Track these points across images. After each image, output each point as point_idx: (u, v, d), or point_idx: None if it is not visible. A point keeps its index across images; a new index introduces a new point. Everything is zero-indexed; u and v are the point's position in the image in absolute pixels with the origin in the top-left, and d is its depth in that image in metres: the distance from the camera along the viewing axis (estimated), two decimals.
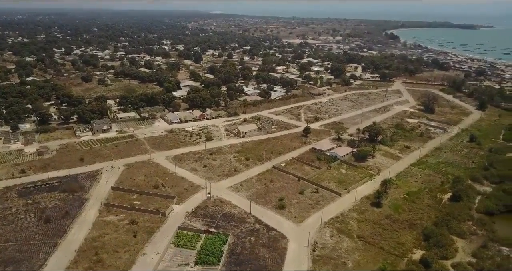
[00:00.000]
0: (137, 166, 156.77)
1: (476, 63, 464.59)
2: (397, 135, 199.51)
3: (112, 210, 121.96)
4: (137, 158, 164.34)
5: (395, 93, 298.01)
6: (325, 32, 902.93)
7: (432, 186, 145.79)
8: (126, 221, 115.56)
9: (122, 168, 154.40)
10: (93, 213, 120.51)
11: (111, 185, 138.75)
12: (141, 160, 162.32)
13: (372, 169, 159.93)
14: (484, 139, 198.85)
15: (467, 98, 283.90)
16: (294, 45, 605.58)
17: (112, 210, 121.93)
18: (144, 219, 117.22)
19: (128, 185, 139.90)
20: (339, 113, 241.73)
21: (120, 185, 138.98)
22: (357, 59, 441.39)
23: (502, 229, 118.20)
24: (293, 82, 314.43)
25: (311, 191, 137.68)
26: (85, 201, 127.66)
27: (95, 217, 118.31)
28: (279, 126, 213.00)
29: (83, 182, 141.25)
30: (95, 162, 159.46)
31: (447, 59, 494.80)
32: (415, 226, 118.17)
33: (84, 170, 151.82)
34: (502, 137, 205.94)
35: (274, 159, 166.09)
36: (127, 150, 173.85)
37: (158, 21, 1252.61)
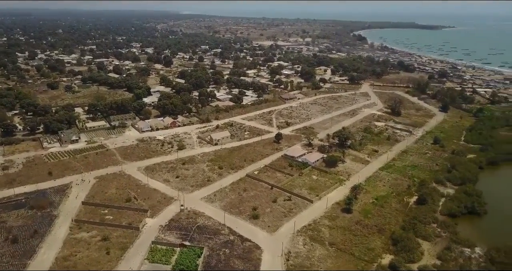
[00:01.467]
0: (109, 178, 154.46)
1: (439, 64, 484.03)
2: (365, 139, 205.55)
3: (84, 227, 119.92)
4: (108, 170, 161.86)
5: (363, 96, 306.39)
6: (295, 34, 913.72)
7: (399, 190, 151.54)
8: (98, 238, 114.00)
9: (92, 181, 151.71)
10: (64, 230, 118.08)
11: (81, 199, 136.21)
12: (112, 172, 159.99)
13: (342, 174, 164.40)
14: (447, 141, 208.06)
15: (431, 100, 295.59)
16: (265, 48, 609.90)
17: (83, 227, 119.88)
18: (117, 235, 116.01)
19: (99, 199, 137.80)
20: (310, 117, 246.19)
21: (91, 200, 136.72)
22: (326, 61, 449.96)
23: (464, 231, 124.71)
24: (265, 87, 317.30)
25: (284, 199, 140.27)
26: (54, 218, 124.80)
27: (65, 234, 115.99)
28: (252, 133, 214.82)
29: (52, 197, 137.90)
30: (64, 175, 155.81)
31: (412, 60, 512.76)
32: (383, 230, 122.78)
33: (53, 184, 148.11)
34: (463, 138, 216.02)
35: (247, 167, 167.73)
36: (98, 161, 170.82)
37: (126, 22, 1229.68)
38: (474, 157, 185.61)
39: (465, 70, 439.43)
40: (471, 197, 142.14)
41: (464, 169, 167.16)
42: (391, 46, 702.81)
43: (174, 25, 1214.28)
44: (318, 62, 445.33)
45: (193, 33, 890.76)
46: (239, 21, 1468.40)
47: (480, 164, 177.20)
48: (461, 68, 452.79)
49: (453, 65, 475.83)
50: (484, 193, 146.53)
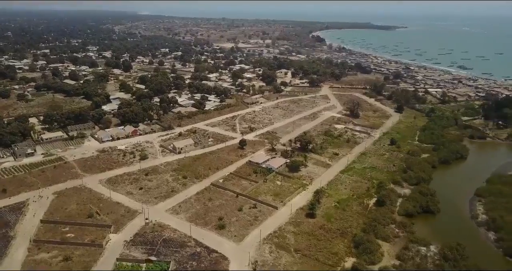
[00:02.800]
0: (68, 193, 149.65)
1: (393, 65, 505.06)
2: (326, 143, 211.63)
3: (43, 247, 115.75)
4: (68, 184, 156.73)
5: (323, 99, 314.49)
6: (255, 35, 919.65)
7: (360, 192, 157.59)
8: (60, 258, 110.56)
9: (51, 197, 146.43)
10: (22, 252, 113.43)
11: (40, 217, 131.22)
12: (72, 186, 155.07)
13: (305, 178, 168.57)
14: (403, 142, 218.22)
15: (387, 101, 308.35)
16: (226, 50, 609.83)
17: (43, 247, 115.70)
18: (79, 253, 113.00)
19: (59, 216, 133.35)
20: (272, 122, 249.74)
21: (51, 217, 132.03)
22: (286, 64, 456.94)
23: (420, 230, 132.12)
24: (227, 91, 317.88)
25: (250, 206, 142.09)
26: (11, 239, 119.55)
27: (24, 256, 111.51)
28: (216, 139, 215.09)
29: (7, 216, 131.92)
30: (20, 192, 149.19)
31: (368, 61, 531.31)
32: (346, 234, 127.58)
33: (8, 202, 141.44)
34: (417, 138, 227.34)
35: (212, 176, 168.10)
36: (56, 175, 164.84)
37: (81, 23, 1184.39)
38: (428, 156, 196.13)
39: (417, 71, 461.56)
40: (425, 196, 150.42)
41: (419, 169, 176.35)
42: (349, 47, 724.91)
43: (132, 26, 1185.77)
44: (279, 65, 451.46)
45: (152, 35, 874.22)
46: (199, 22, 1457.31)
47: (433, 163, 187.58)
48: (413, 69, 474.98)
49: (407, 66, 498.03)
50: (437, 191, 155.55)
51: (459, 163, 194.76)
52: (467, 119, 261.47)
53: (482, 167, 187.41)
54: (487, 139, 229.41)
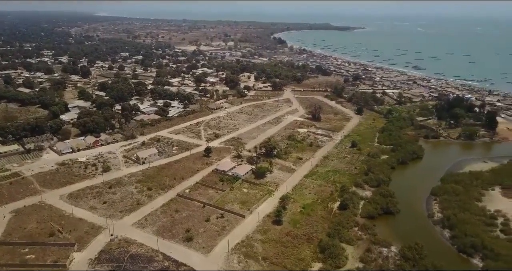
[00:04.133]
0: (27, 211, 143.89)
1: (353, 67, 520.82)
2: (290, 147, 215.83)
3: None
4: (26, 202, 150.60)
5: (286, 103, 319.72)
6: (217, 37, 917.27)
7: (324, 197, 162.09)
8: None
9: (8, 216, 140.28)
10: None
11: None
12: (30, 204, 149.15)
13: (270, 185, 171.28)
14: (363, 144, 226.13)
15: (347, 103, 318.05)
16: (188, 53, 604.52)
17: None
18: None
19: (17, 236, 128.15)
20: (237, 127, 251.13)
21: (8, 238, 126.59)
22: (249, 67, 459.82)
23: (382, 231, 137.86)
24: (190, 96, 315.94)
25: (217, 216, 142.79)
26: None
27: None
28: (180, 147, 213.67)
29: None
30: None
31: (328, 63, 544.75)
32: (312, 239, 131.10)
33: None
34: (377, 140, 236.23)
35: (178, 186, 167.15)
36: (13, 192, 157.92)
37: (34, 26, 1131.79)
38: (387, 158, 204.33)
39: (375, 72, 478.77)
40: (385, 198, 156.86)
41: (379, 171, 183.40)
42: (310, 49, 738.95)
43: (89, 29, 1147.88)
44: (242, 68, 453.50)
45: (111, 38, 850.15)
46: (159, 24, 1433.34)
47: (392, 164, 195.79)
48: (372, 70, 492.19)
49: (365, 67, 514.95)
50: (397, 192, 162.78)
51: (416, 163, 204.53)
52: (422, 120, 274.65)
53: (437, 166, 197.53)
54: (440, 138, 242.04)
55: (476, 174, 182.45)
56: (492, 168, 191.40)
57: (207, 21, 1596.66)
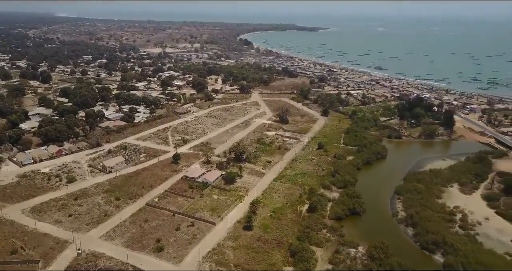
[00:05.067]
0: None
1: (318, 68, 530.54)
2: (259, 151, 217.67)
3: None
4: None
5: (254, 105, 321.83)
6: (183, 39, 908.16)
7: (293, 200, 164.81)
8: None
9: None
10: None
11: None
12: None
13: (241, 190, 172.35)
14: (330, 145, 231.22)
15: (314, 105, 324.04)
16: (153, 56, 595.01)
17: None
18: None
19: None
20: (206, 132, 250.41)
21: None
22: (216, 70, 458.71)
23: (350, 232, 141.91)
24: (157, 101, 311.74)
25: (187, 225, 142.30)
26: None
27: None
28: (148, 154, 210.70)
29: None
30: None
31: (295, 65, 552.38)
32: (282, 243, 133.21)
33: None
34: (342, 141, 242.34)
35: (146, 195, 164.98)
36: None
37: None
38: (353, 158, 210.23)
39: (340, 73, 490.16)
40: (352, 199, 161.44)
41: (345, 172, 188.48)
42: (276, 50, 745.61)
43: (49, 30, 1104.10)
44: (209, 71, 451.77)
45: (73, 40, 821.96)
46: (123, 25, 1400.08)
47: (357, 165, 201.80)
48: (336, 71, 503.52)
49: (330, 68, 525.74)
50: (363, 192, 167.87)
51: (380, 163, 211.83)
52: (385, 120, 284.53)
53: (400, 165, 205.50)
54: (402, 138, 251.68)
55: (436, 172, 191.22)
56: (450, 165, 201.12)
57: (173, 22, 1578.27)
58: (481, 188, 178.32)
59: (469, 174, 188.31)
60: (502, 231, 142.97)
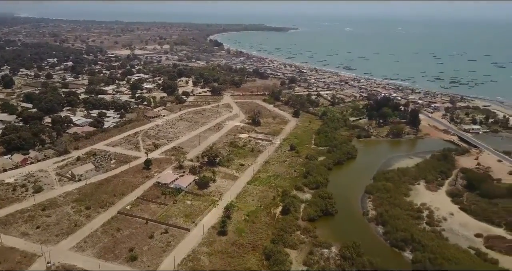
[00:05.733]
0: None
1: (288, 69, 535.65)
2: (232, 154, 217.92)
3: None
4: None
5: (226, 108, 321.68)
6: (152, 40, 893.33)
7: (267, 202, 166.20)
8: None
9: None
10: None
11: None
12: None
13: (215, 194, 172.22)
14: (301, 146, 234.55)
15: (285, 107, 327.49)
16: (122, 58, 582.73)
17: None
18: None
19: None
20: (177, 136, 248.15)
21: None
22: (187, 72, 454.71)
23: (322, 233, 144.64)
24: (127, 105, 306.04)
25: (161, 232, 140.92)
26: None
27: None
28: (118, 161, 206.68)
29: None
30: None
31: (265, 66, 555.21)
32: (257, 247, 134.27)
33: None
34: (314, 142, 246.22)
35: (118, 203, 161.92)
36: None
37: None
38: (324, 159, 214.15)
39: (310, 73, 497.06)
40: (324, 199, 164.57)
41: (317, 173, 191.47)
42: (246, 51, 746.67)
43: (10, 32, 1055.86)
44: (179, 73, 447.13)
45: (36, 42, 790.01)
46: (89, 26, 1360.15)
47: (328, 165, 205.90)
48: (306, 72, 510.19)
49: (300, 69, 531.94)
50: (334, 193, 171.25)
51: (351, 163, 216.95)
52: (354, 120, 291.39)
53: (369, 165, 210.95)
54: (371, 137, 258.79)
55: (404, 170, 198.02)
56: (417, 163, 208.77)
57: (141, 22, 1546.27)
58: (445, 184, 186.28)
59: (435, 172, 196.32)
60: (465, 226, 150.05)
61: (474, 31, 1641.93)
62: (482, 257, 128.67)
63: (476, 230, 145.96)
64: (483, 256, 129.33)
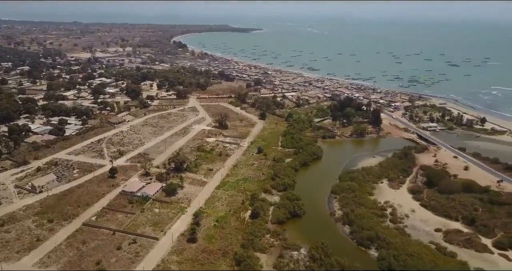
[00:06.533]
0: None
1: (253, 71, 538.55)
2: (200, 159, 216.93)
3: None
4: None
5: (192, 111, 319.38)
6: (114, 42, 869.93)
7: (236, 207, 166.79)
8: None
9: None
10: None
11: None
12: None
13: (183, 201, 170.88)
14: (268, 149, 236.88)
15: (251, 109, 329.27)
16: (82, 61, 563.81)
17: None
18: None
19: None
20: (143, 142, 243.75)
21: None
22: (151, 75, 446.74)
23: (292, 235, 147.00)
24: (89, 111, 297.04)
25: (129, 242, 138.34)
26: None
27: None
28: (82, 170, 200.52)
29: None
30: None
31: (231, 68, 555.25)
32: (227, 253, 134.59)
33: None
34: (280, 144, 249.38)
35: (83, 214, 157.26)
36: None
37: None
38: (291, 161, 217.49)
39: (275, 75, 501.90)
40: (292, 201, 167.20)
41: (284, 175, 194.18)
42: (211, 53, 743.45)
43: None
44: (143, 76, 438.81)
45: None
46: (46, 27, 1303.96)
47: (295, 167, 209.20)
48: (271, 73, 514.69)
49: (265, 70, 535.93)
50: (302, 194, 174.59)
51: (317, 164, 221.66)
52: (319, 120, 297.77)
53: (335, 165, 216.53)
54: (336, 137, 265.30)
55: (367, 169, 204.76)
56: (379, 162, 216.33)
57: (101, 23, 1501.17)
58: (407, 182, 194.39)
59: (396, 170, 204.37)
60: (426, 221, 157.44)
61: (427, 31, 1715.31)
62: (442, 251, 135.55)
63: (435, 225, 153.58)
64: (442, 250, 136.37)
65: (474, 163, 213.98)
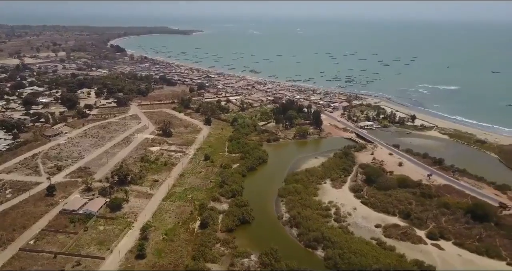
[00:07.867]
0: None
1: (196, 74, 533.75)
2: (145, 170, 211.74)
3: None
4: None
5: (134, 119, 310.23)
6: (45, 47, 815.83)
7: (184, 218, 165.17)
8: None
9: None
10: None
11: None
12: None
13: (129, 216, 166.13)
14: (215, 155, 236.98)
15: (196, 114, 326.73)
16: (10, 69, 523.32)
17: None
18: None
19: None
20: (83, 155, 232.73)
21: None
22: (88, 82, 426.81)
23: (241, 242, 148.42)
24: (20, 124, 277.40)
25: (72, 265, 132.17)
26: None
27: None
28: (15, 189, 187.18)
29: None
30: None
31: (172, 72, 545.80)
32: (178, 267, 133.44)
33: None
34: (227, 149, 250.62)
35: (19, 238, 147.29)
36: None
37: None
38: (238, 166, 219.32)
39: (217, 78, 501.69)
40: (241, 208, 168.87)
41: (232, 181, 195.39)
42: (151, 56, 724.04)
43: None
44: (80, 83, 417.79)
45: None
46: None
47: (243, 172, 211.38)
48: (214, 77, 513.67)
49: (207, 74, 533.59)
50: (250, 199, 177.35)
51: (263, 167, 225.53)
52: (263, 124, 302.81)
53: (280, 168, 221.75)
54: (280, 140, 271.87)
55: (311, 170, 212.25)
56: (322, 163, 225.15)
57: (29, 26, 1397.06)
58: (348, 181, 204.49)
59: (338, 169, 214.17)
60: (367, 218, 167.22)
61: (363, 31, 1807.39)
62: (382, 246, 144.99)
63: (376, 221, 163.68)
64: (383, 245, 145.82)
65: (407, 159, 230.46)
